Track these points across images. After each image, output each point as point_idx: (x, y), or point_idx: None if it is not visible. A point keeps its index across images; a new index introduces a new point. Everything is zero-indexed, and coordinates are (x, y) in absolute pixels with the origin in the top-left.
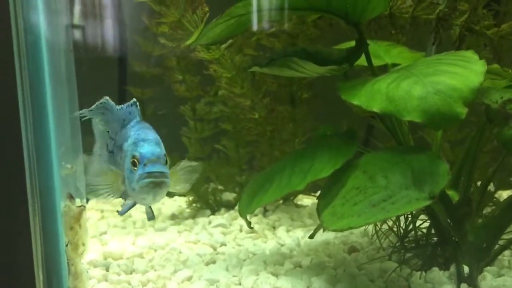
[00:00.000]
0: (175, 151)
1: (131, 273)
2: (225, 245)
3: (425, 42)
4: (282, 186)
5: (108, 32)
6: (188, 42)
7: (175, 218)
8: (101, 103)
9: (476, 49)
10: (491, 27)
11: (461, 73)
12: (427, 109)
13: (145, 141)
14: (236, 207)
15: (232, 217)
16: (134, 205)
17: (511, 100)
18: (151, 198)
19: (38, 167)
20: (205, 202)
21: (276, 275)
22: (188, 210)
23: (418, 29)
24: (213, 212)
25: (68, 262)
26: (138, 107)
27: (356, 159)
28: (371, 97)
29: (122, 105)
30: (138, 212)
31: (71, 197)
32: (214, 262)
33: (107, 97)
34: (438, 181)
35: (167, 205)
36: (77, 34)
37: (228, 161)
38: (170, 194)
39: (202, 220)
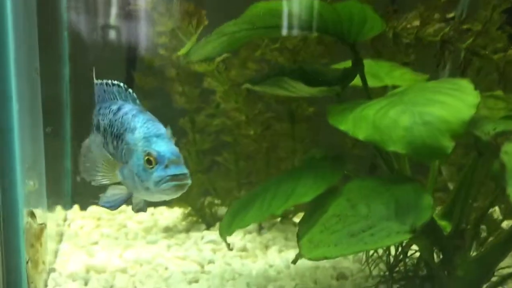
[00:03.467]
0: None
1: None
2: (213, 263)
3: (432, 63)
4: (263, 210)
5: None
6: (180, 53)
7: (168, 231)
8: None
9: (484, 74)
10: (503, 50)
11: (453, 104)
12: (412, 141)
13: (159, 137)
14: None
15: None
16: (129, 197)
17: (505, 132)
18: (166, 198)
19: (3, 184)
20: (201, 216)
21: None
22: (183, 223)
23: (424, 51)
24: (208, 226)
25: (28, 280)
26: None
27: (342, 185)
28: (357, 123)
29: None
30: (133, 222)
31: (32, 215)
32: (197, 281)
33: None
34: (421, 214)
35: (165, 217)
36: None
37: (227, 175)
38: (169, 204)
39: (195, 235)
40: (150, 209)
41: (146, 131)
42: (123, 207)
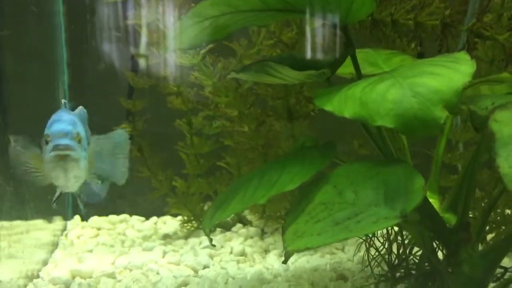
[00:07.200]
0: (170, 166)
1: None
2: (208, 267)
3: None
4: (246, 199)
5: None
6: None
7: (167, 238)
8: None
9: (490, 57)
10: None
11: (445, 74)
12: (402, 113)
13: (58, 121)
14: (233, 228)
15: (225, 238)
16: (60, 193)
17: (504, 106)
18: (63, 175)
19: None
20: (201, 222)
21: None
22: (184, 230)
23: (426, 36)
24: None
25: None
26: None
27: (330, 172)
28: (343, 102)
29: None
30: (134, 231)
31: None
32: (186, 285)
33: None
34: (411, 198)
35: (167, 225)
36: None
37: (230, 179)
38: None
39: (193, 241)
40: (153, 219)
41: (51, 120)
42: (125, 216)
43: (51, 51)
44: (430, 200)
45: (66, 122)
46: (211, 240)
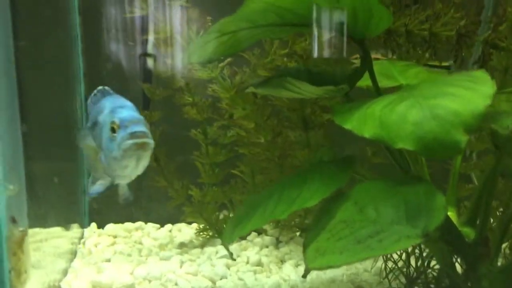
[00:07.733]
0: (186, 176)
1: None
2: (226, 278)
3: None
4: (267, 214)
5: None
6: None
7: (183, 247)
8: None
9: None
10: None
11: (465, 96)
12: (422, 136)
13: (123, 107)
14: (248, 237)
15: (241, 247)
16: (111, 186)
17: None
18: (133, 164)
19: None
20: (217, 231)
21: None
22: (200, 238)
23: (441, 46)
24: None
25: None
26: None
27: (351, 188)
28: (363, 121)
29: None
30: (149, 239)
31: (14, 221)
32: None
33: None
34: (433, 216)
35: (182, 233)
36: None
37: (244, 188)
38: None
39: (209, 250)
40: (168, 226)
41: (112, 106)
42: (140, 223)
43: (69, 61)
44: (448, 213)
45: (132, 108)
46: (231, 254)
